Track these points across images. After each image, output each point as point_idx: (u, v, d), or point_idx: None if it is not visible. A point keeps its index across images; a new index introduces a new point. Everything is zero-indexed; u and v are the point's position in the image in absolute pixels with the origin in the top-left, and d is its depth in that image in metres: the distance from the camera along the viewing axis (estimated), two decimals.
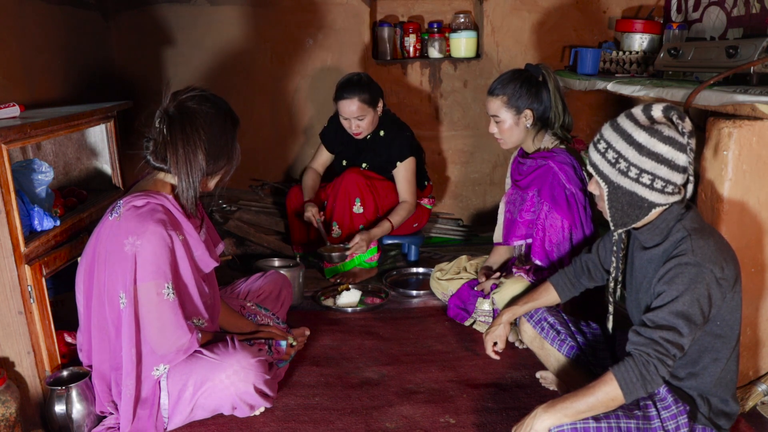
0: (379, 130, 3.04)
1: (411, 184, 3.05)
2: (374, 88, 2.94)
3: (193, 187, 1.77)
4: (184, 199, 1.79)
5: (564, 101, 2.37)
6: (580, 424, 1.45)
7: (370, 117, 2.94)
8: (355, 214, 2.96)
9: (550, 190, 2.26)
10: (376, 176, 3.06)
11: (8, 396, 1.68)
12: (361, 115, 2.91)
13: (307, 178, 3.15)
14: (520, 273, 2.30)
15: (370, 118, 2.94)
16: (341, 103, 2.90)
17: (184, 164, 1.74)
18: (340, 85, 2.93)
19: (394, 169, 3.03)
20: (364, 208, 2.95)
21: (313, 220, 2.95)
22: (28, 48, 2.50)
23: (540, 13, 3.63)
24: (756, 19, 2.63)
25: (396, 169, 3.03)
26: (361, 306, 2.74)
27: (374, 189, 3.00)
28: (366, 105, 2.90)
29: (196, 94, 1.79)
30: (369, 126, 2.97)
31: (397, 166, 3.02)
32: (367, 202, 2.95)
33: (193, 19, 3.46)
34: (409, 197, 3.05)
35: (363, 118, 2.92)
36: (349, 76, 2.94)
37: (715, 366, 1.55)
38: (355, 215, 2.96)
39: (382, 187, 3.04)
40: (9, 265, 1.71)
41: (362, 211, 2.95)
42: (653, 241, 1.59)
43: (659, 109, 1.53)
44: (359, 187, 2.94)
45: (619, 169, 1.53)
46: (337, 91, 2.93)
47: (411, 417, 1.92)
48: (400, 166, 3.02)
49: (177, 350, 1.76)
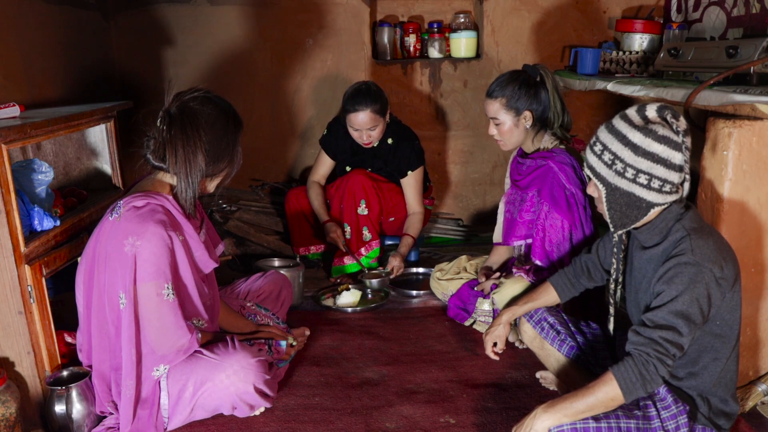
0: (386, 138, 3.00)
1: (420, 194, 3.06)
2: (383, 96, 2.90)
3: (191, 188, 1.77)
4: (182, 200, 1.78)
5: (562, 100, 2.37)
6: (579, 424, 1.45)
7: (382, 126, 2.91)
8: (360, 216, 2.95)
9: (550, 190, 2.26)
10: (381, 178, 3.05)
11: (8, 396, 1.68)
12: (374, 125, 2.85)
13: (314, 196, 3.06)
14: (520, 273, 2.30)
15: (382, 127, 2.91)
16: (353, 115, 2.82)
17: (183, 164, 1.74)
18: (349, 96, 2.84)
19: (404, 178, 3.02)
20: (369, 210, 2.95)
21: (339, 243, 2.93)
22: (28, 48, 2.50)
23: (540, 13, 3.63)
24: (756, 19, 2.63)
25: (406, 178, 3.02)
26: (361, 306, 2.74)
27: (380, 191, 2.99)
28: (378, 115, 2.84)
29: (199, 95, 1.79)
30: (380, 135, 2.93)
31: (407, 176, 3.01)
32: (372, 203, 2.94)
33: (193, 19, 3.46)
34: (419, 207, 3.05)
35: (374, 128, 2.87)
36: (358, 86, 2.86)
37: (714, 366, 1.55)
38: (360, 216, 2.95)
39: (387, 189, 3.04)
40: (9, 265, 1.71)
41: (367, 212, 2.95)
42: (652, 240, 1.60)
43: (653, 109, 1.53)
44: (365, 188, 2.93)
45: (615, 171, 1.53)
46: (347, 103, 2.84)
47: (411, 417, 1.92)
48: (411, 176, 3.01)
49: (177, 350, 1.76)
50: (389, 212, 3.06)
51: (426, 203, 3.21)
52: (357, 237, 2.97)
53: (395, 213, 3.09)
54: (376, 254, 3.02)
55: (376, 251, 3.01)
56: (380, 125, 2.89)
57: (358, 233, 2.96)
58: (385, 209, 3.03)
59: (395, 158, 3.01)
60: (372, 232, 2.99)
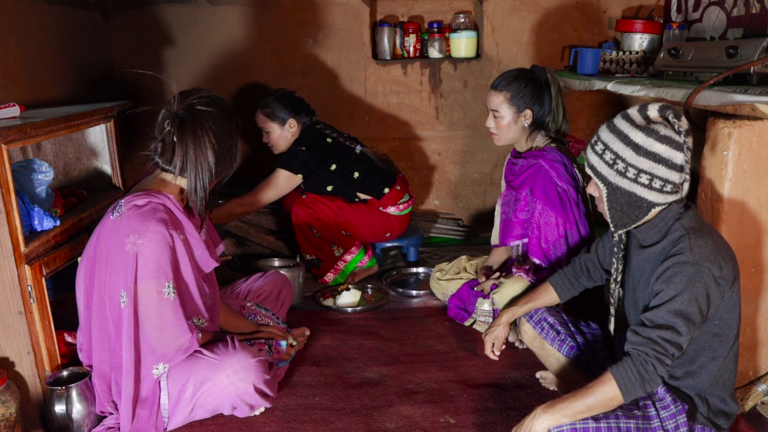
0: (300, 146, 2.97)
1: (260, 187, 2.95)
2: (284, 104, 2.93)
3: (203, 189, 1.78)
4: (193, 201, 1.79)
5: (564, 108, 2.38)
6: (579, 425, 1.46)
7: (277, 133, 2.97)
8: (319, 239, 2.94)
9: (542, 188, 2.27)
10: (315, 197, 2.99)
11: (8, 396, 1.68)
12: (264, 128, 2.98)
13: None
14: (519, 273, 2.30)
15: (277, 134, 2.97)
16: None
17: (195, 166, 1.75)
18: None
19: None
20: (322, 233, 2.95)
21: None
22: (28, 48, 2.50)
23: (540, 13, 3.63)
24: (756, 19, 2.64)
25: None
26: (361, 306, 2.74)
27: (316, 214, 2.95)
28: (267, 119, 2.95)
29: (204, 96, 1.80)
30: (276, 142, 2.99)
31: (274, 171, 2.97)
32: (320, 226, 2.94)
33: (193, 19, 3.46)
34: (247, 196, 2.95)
35: (268, 132, 2.99)
36: (276, 89, 3.03)
37: (712, 365, 1.55)
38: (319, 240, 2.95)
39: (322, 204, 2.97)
40: (9, 265, 1.71)
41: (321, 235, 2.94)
42: (651, 239, 1.60)
43: (655, 108, 1.53)
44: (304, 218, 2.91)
45: (617, 170, 1.53)
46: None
47: (411, 417, 1.92)
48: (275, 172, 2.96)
49: (177, 349, 1.76)
50: (340, 226, 3.01)
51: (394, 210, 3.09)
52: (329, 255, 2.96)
53: (344, 219, 3.01)
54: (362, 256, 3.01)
55: (359, 256, 3.00)
56: (273, 131, 2.97)
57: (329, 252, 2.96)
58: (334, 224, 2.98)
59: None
60: (342, 245, 2.98)
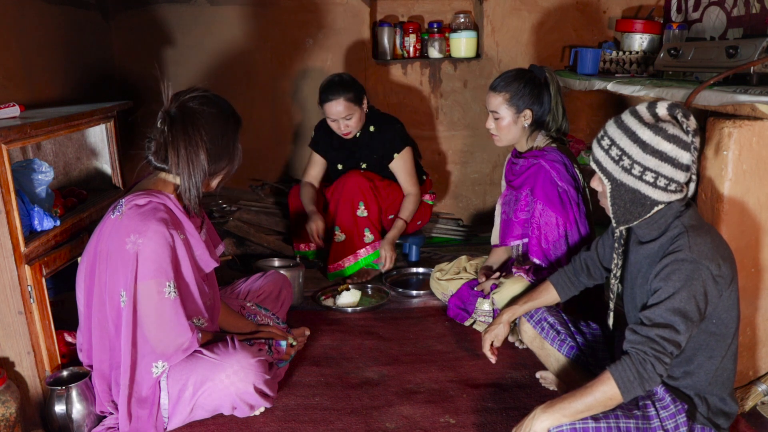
0: (368, 126, 3.02)
1: (412, 176, 3.05)
2: (357, 86, 2.93)
3: (195, 188, 1.78)
4: (186, 200, 1.79)
5: (564, 107, 2.38)
6: (579, 424, 1.45)
7: (358, 115, 2.93)
8: (359, 218, 2.95)
9: (543, 188, 2.27)
10: (377, 177, 3.06)
11: (8, 396, 1.68)
12: (349, 114, 2.89)
13: (305, 192, 3.10)
14: (519, 273, 2.30)
15: (358, 116, 2.93)
16: (327, 105, 2.88)
17: (186, 165, 1.74)
18: (323, 88, 2.90)
19: (392, 162, 3.02)
20: (368, 211, 2.95)
21: (314, 235, 2.92)
22: (28, 48, 2.50)
23: (540, 13, 3.63)
24: (756, 19, 2.64)
25: (393, 162, 3.02)
26: (361, 306, 2.74)
27: (377, 191, 2.99)
28: (351, 103, 2.88)
29: (198, 94, 1.79)
30: (357, 124, 2.95)
31: (394, 158, 3.01)
32: (370, 204, 2.95)
33: (193, 19, 3.46)
34: (413, 188, 3.05)
35: (351, 117, 2.90)
36: (331, 78, 2.92)
37: (709, 364, 1.55)
38: (359, 218, 2.95)
39: (383, 187, 3.04)
40: (9, 265, 1.71)
41: (366, 214, 2.95)
42: (650, 235, 1.60)
43: (664, 106, 1.52)
44: (362, 190, 2.93)
45: (622, 167, 1.53)
46: (321, 94, 2.90)
47: (411, 417, 1.92)
48: (398, 158, 3.01)
49: (177, 349, 1.76)
50: (388, 210, 3.05)
51: (427, 198, 3.20)
52: (358, 239, 2.96)
53: (394, 210, 3.08)
54: (375, 256, 3.01)
55: (374, 254, 3.00)
56: (356, 114, 2.92)
57: (359, 236, 2.96)
58: (383, 208, 3.03)
59: (379, 144, 3.02)
60: (374, 232, 2.99)
